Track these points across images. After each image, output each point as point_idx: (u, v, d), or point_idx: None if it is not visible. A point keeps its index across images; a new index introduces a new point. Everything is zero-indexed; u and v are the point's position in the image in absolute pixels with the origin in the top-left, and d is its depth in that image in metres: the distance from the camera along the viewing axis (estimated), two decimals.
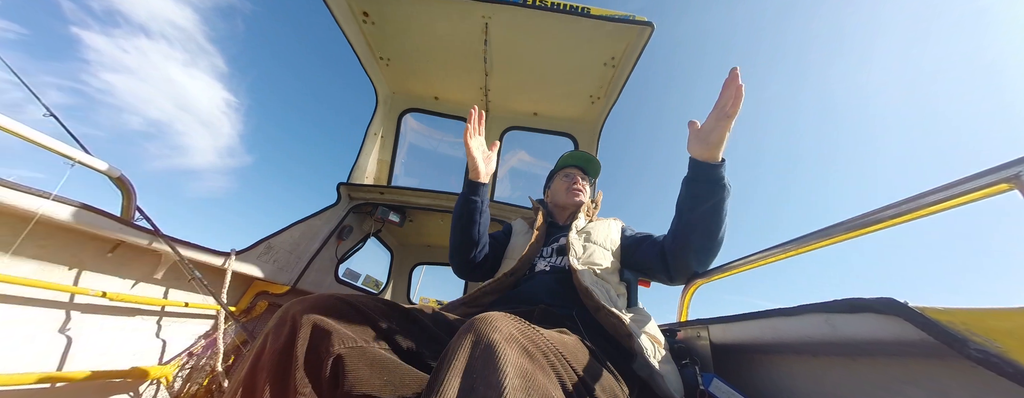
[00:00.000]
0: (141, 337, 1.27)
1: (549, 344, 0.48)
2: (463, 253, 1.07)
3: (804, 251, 0.76)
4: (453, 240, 1.08)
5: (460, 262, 1.09)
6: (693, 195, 0.81)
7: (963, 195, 0.40)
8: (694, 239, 0.84)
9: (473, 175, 1.02)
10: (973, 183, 0.40)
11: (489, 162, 1.04)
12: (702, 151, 0.77)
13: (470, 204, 1.03)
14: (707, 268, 0.92)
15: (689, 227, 0.83)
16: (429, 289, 5.48)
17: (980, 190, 0.39)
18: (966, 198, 0.40)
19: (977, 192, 0.39)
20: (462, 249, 1.07)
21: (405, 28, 1.90)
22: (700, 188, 0.79)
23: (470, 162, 1.01)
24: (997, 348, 0.40)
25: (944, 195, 0.42)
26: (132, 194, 1.20)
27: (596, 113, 2.30)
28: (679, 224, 0.86)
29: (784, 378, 0.78)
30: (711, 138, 0.75)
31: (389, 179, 2.46)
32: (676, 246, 0.88)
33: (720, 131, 0.74)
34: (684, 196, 0.83)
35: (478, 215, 1.04)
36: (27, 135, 0.89)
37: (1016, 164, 0.37)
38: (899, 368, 0.59)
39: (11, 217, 0.89)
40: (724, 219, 0.80)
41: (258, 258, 1.60)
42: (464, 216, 1.04)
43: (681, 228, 0.86)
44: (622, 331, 0.73)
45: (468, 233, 1.04)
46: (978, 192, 0.39)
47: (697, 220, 0.81)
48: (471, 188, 1.03)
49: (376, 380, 0.51)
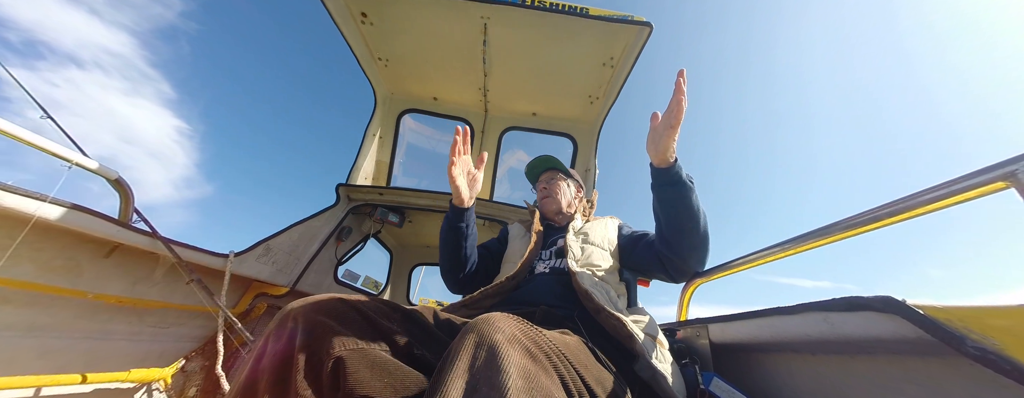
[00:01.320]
0: (139, 340, 1.27)
1: (551, 345, 0.48)
2: (454, 273, 1.09)
3: (803, 250, 0.76)
4: (443, 262, 1.10)
5: (452, 281, 1.12)
6: (661, 200, 0.85)
7: (960, 193, 0.41)
8: (681, 240, 0.87)
9: (457, 201, 1.01)
10: (970, 181, 0.40)
11: (474, 185, 1.03)
12: (654, 156, 0.83)
13: (456, 230, 1.04)
14: (705, 266, 0.93)
15: (672, 231, 0.87)
16: (429, 290, 5.47)
17: (977, 188, 0.39)
18: (963, 196, 0.41)
19: (974, 190, 0.40)
20: (453, 270, 1.09)
21: (404, 29, 1.90)
22: (665, 192, 0.84)
23: (454, 190, 0.99)
24: (995, 345, 0.40)
25: (941, 193, 0.42)
26: (130, 196, 1.19)
27: (595, 113, 2.31)
28: (662, 230, 0.90)
29: (783, 376, 0.79)
30: (660, 145, 0.81)
31: (388, 180, 2.46)
32: (669, 251, 0.90)
33: (666, 140, 0.80)
34: (656, 203, 0.87)
35: (464, 240, 1.06)
36: (23, 137, 0.89)
37: (1013, 162, 0.37)
38: (898, 366, 0.59)
39: (8, 220, 0.89)
40: (699, 213, 0.84)
41: (257, 260, 1.60)
42: (450, 241, 1.05)
43: (666, 233, 0.89)
44: (623, 332, 0.74)
45: (456, 256, 1.06)
46: (975, 190, 0.40)
47: (675, 222, 0.85)
48: (457, 215, 1.03)
49: (377, 382, 0.50)
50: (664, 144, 0.80)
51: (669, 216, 0.86)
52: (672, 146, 0.80)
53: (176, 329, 1.39)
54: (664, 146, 0.80)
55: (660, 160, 0.82)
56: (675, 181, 0.82)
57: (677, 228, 0.86)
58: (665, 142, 0.80)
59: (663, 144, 0.80)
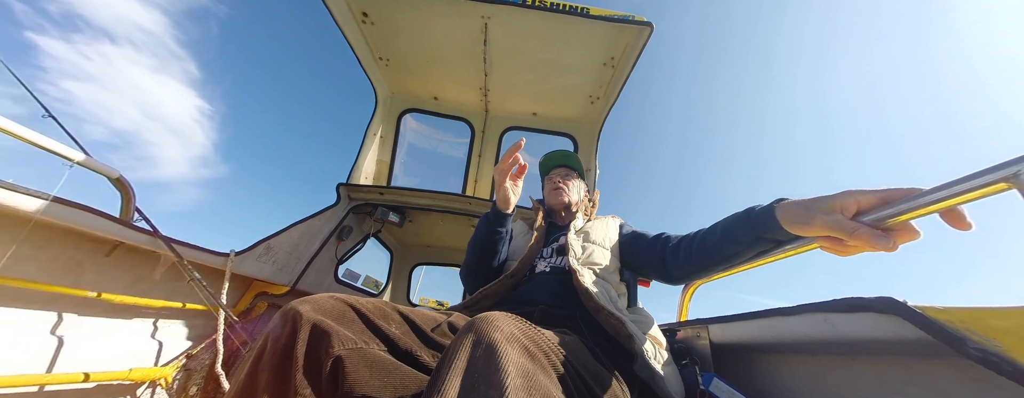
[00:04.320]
0: (140, 338, 1.27)
1: (550, 344, 0.48)
2: (481, 275, 1.06)
3: (803, 251, 0.76)
4: (472, 262, 1.07)
5: (474, 282, 1.08)
6: (736, 238, 0.69)
7: (961, 195, 0.40)
8: (708, 263, 0.79)
9: (502, 206, 0.99)
10: (971, 182, 0.40)
11: (517, 192, 1.02)
12: (795, 224, 0.56)
13: (495, 235, 1.02)
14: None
15: (712, 255, 0.77)
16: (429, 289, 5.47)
17: (978, 189, 0.39)
18: (964, 198, 0.40)
19: (975, 191, 0.39)
20: (480, 272, 1.06)
21: (404, 28, 1.90)
22: (750, 237, 0.66)
23: (501, 193, 0.97)
24: (996, 347, 0.40)
25: (942, 195, 0.42)
26: (131, 195, 1.19)
27: (596, 113, 2.30)
28: (704, 246, 0.78)
29: (784, 378, 0.79)
30: (819, 224, 0.51)
31: (389, 179, 2.46)
32: (687, 262, 0.83)
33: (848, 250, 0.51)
34: (728, 231, 0.71)
35: (502, 245, 1.05)
36: (24, 135, 0.89)
37: (1015, 163, 0.37)
38: (898, 367, 0.59)
39: (9, 218, 0.89)
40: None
41: (257, 259, 1.60)
42: (488, 245, 1.03)
43: (704, 250, 0.78)
44: (623, 332, 0.73)
45: (489, 261, 1.05)
46: (976, 191, 0.39)
47: (722, 253, 0.74)
48: (499, 219, 1.01)
49: (376, 381, 0.51)
50: (820, 229, 0.52)
51: (726, 255, 0.73)
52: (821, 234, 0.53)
53: (177, 328, 1.39)
54: (816, 227, 0.52)
55: (795, 229, 0.57)
56: (770, 240, 0.66)
57: (718, 262, 0.77)
58: (826, 230, 0.51)
59: (820, 228, 0.52)
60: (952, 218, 0.42)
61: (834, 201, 0.50)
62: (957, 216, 0.42)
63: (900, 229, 0.46)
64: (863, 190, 0.49)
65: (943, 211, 0.42)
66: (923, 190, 0.44)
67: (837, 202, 0.50)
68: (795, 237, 0.60)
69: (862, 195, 0.49)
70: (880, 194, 0.48)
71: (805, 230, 0.54)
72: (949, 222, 0.43)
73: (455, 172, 2.60)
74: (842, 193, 0.51)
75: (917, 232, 0.46)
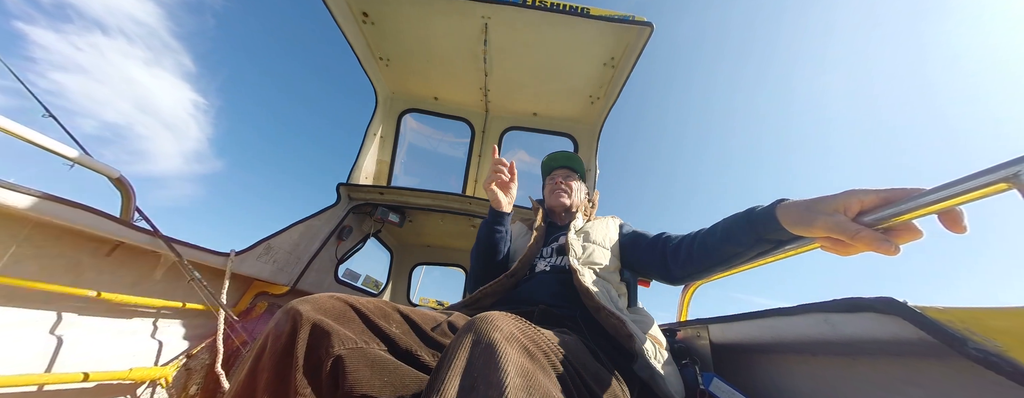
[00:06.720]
0: (140, 338, 1.27)
1: (550, 344, 0.48)
2: (484, 280, 1.04)
3: (804, 251, 0.76)
4: (477, 267, 1.09)
5: (479, 283, 1.07)
6: (737, 238, 0.69)
7: (961, 195, 0.40)
8: (709, 263, 0.79)
9: (496, 207, 1.02)
10: (971, 183, 0.39)
11: (510, 196, 1.04)
12: (796, 224, 0.56)
13: (496, 234, 1.04)
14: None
15: (713, 255, 0.77)
16: (429, 289, 5.47)
17: (978, 190, 0.39)
18: (964, 198, 0.40)
19: (975, 192, 0.39)
20: (484, 278, 1.04)
21: (404, 28, 1.90)
22: (752, 238, 0.66)
23: (492, 199, 1.01)
24: (996, 347, 0.40)
25: (942, 195, 0.41)
26: (131, 195, 1.20)
27: (596, 113, 2.31)
28: (705, 246, 0.78)
29: (784, 378, 0.79)
30: (820, 225, 0.51)
31: (389, 179, 2.46)
32: (688, 262, 0.83)
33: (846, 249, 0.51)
34: (729, 231, 0.71)
35: (503, 244, 1.06)
36: (24, 135, 0.89)
37: (1015, 163, 0.36)
38: (899, 368, 0.59)
39: (9, 218, 0.89)
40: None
41: (257, 259, 1.60)
42: (490, 245, 1.05)
43: (704, 251, 0.78)
44: (623, 332, 0.73)
45: (491, 262, 1.06)
46: (976, 192, 0.39)
47: (723, 253, 0.74)
48: (497, 218, 1.04)
49: (376, 381, 0.51)
50: (822, 230, 0.51)
51: (727, 256, 0.73)
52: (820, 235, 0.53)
53: (177, 328, 1.39)
54: (818, 228, 0.52)
55: (796, 228, 0.57)
56: (771, 240, 0.65)
57: (719, 262, 0.77)
58: (827, 232, 0.51)
59: (821, 229, 0.51)
60: (949, 221, 0.42)
61: (836, 201, 0.50)
62: (954, 219, 0.42)
63: (902, 229, 0.46)
64: (866, 190, 0.49)
65: (941, 213, 0.42)
66: (924, 190, 0.44)
67: (839, 202, 0.50)
68: (796, 237, 0.60)
69: (864, 195, 0.49)
70: (882, 194, 0.48)
71: (807, 231, 0.54)
72: (946, 225, 0.43)
73: (455, 172, 2.61)
74: (844, 193, 0.51)
75: (919, 231, 0.46)
